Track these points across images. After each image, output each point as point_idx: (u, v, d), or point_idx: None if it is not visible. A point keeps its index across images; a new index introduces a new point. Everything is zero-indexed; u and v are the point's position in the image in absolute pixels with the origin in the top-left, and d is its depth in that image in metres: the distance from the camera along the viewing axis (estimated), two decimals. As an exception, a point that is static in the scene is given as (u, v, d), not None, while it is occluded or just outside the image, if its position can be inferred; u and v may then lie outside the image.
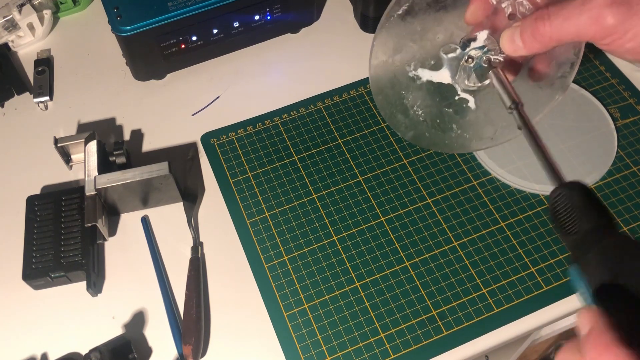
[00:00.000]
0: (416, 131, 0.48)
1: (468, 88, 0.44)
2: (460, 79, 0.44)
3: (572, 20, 0.35)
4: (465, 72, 0.43)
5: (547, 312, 0.55)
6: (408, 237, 0.59)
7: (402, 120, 0.47)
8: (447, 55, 0.43)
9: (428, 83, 0.44)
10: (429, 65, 0.43)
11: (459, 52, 0.43)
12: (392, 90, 0.44)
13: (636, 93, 0.67)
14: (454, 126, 0.48)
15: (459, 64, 0.43)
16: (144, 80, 0.71)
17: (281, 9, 0.69)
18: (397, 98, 0.45)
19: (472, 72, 0.43)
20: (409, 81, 0.44)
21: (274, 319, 0.55)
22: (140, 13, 0.63)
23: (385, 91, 0.44)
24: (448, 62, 0.43)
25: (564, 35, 0.36)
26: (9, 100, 0.71)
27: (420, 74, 0.44)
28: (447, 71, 0.43)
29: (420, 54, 0.43)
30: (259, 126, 0.67)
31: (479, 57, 0.42)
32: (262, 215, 0.61)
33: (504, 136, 0.48)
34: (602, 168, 0.62)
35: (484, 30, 0.42)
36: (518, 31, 0.38)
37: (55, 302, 0.57)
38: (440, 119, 0.47)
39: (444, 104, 0.45)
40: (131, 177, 0.57)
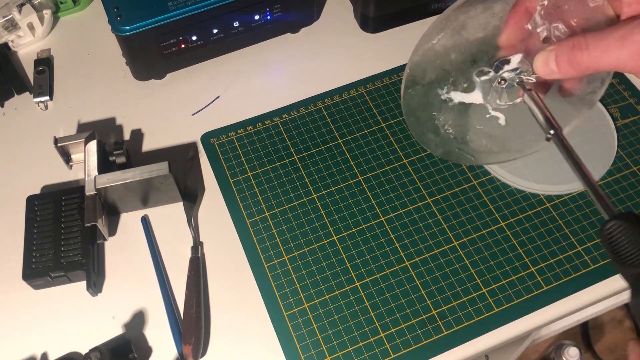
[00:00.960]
0: (446, 148, 0.48)
1: (499, 107, 0.45)
2: (492, 99, 0.44)
3: (612, 53, 0.35)
4: (497, 92, 0.43)
5: (547, 311, 0.55)
6: (408, 237, 0.59)
7: (432, 138, 0.47)
8: (480, 78, 0.43)
9: (460, 104, 0.44)
10: (461, 88, 0.44)
11: (492, 75, 0.43)
12: (423, 113, 0.45)
13: (636, 93, 0.67)
14: (483, 141, 0.48)
15: (490, 85, 0.43)
16: (144, 80, 0.71)
17: (281, 8, 0.69)
18: (429, 119, 0.45)
19: (504, 92, 0.43)
20: (440, 103, 0.44)
21: (274, 319, 0.55)
22: (140, 13, 0.63)
23: (416, 114, 0.45)
24: (480, 84, 0.43)
25: (602, 66, 0.36)
26: (9, 100, 0.71)
27: (452, 96, 0.44)
28: (479, 93, 0.44)
29: (454, 78, 0.43)
30: (259, 126, 0.67)
31: (512, 78, 0.42)
32: (262, 215, 0.61)
33: (531, 148, 0.48)
34: (602, 168, 0.62)
35: (518, 53, 0.42)
36: (553, 55, 0.38)
37: (55, 302, 0.57)
38: (471, 136, 0.47)
39: (475, 122, 0.46)
40: (131, 176, 0.57)
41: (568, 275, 0.56)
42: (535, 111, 0.41)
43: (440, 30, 0.41)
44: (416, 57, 0.42)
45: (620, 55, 0.34)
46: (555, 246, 0.58)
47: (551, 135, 0.40)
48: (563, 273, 0.56)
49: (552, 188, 0.61)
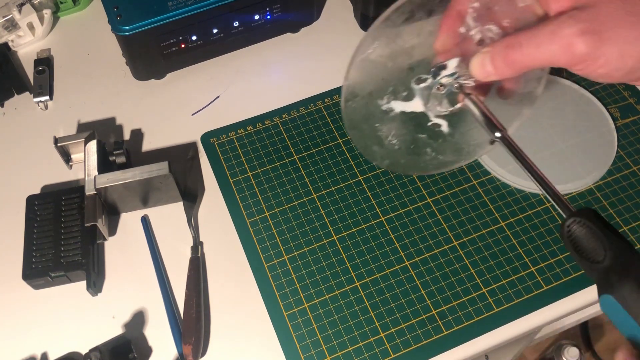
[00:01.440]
0: (391, 159, 0.48)
1: (440, 113, 0.45)
2: (432, 106, 0.44)
3: (544, 48, 0.35)
4: (437, 99, 0.43)
5: (547, 311, 0.55)
6: (408, 237, 0.59)
7: (377, 150, 0.47)
8: (419, 85, 0.43)
9: (401, 113, 0.44)
10: (401, 97, 0.43)
11: (430, 82, 0.43)
12: (366, 125, 0.45)
13: (636, 93, 0.67)
14: (428, 150, 0.48)
15: (430, 92, 0.43)
16: (144, 80, 0.71)
17: (281, 8, 0.69)
18: (371, 131, 0.45)
19: (444, 98, 0.43)
20: (382, 114, 0.44)
21: (274, 319, 0.55)
22: (140, 13, 0.63)
23: (359, 126, 0.45)
24: (420, 92, 0.43)
25: (537, 62, 0.36)
26: (9, 99, 0.71)
27: (393, 106, 0.44)
28: (420, 100, 0.44)
29: (392, 86, 0.43)
30: (259, 126, 0.67)
31: (450, 83, 0.42)
32: (262, 215, 0.61)
33: (477, 153, 0.49)
34: (602, 167, 0.62)
35: (454, 57, 0.41)
36: (488, 57, 0.38)
37: (55, 302, 0.57)
38: (415, 145, 0.47)
39: (418, 131, 0.46)
40: (131, 176, 0.57)
41: (568, 275, 0.56)
42: (478, 115, 0.41)
43: (375, 39, 0.40)
44: (353, 68, 0.41)
45: (552, 50, 0.35)
46: (555, 246, 0.58)
47: (497, 138, 0.40)
48: (563, 273, 0.56)
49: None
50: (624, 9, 0.34)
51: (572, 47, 0.34)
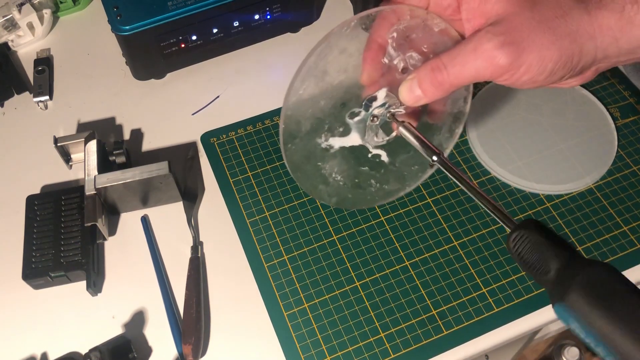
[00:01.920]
0: (339, 196, 0.49)
1: (378, 144, 0.46)
2: (369, 137, 0.45)
3: (469, 65, 0.37)
4: (372, 130, 0.45)
5: (547, 311, 0.55)
6: (408, 237, 0.59)
7: (324, 189, 0.48)
8: (353, 119, 0.44)
9: (341, 149, 0.45)
10: (338, 133, 0.44)
11: (364, 114, 0.44)
12: (308, 165, 0.45)
13: (636, 92, 0.67)
14: (372, 181, 0.49)
15: (365, 125, 0.44)
16: (144, 80, 0.71)
17: (281, 8, 0.69)
18: (315, 170, 0.46)
19: (379, 129, 0.44)
20: (322, 152, 0.45)
21: (274, 319, 0.55)
22: (140, 12, 0.63)
23: (302, 168, 0.45)
24: (355, 126, 0.44)
25: (463, 79, 0.38)
26: (9, 99, 0.71)
27: (331, 142, 0.45)
28: (356, 134, 0.45)
29: (328, 124, 0.44)
30: (259, 125, 0.67)
31: (383, 114, 0.43)
32: (262, 215, 0.61)
33: (419, 177, 0.50)
34: (602, 167, 0.62)
35: (381, 88, 0.43)
36: (415, 82, 0.39)
37: (55, 302, 0.57)
38: (359, 179, 0.48)
39: (360, 164, 0.47)
40: (131, 176, 0.57)
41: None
42: (413, 141, 0.43)
43: (303, 80, 0.41)
44: (287, 110, 0.42)
45: (477, 65, 0.37)
46: (555, 246, 0.58)
47: (434, 161, 0.41)
48: (563, 273, 0.56)
49: (552, 188, 0.61)
50: (533, 19, 0.37)
51: (494, 60, 0.36)
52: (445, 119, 0.47)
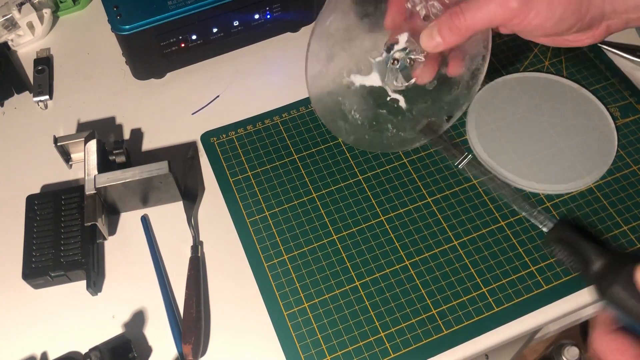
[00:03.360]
0: (356, 135, 0.51)
1: (397, 88, 0.47)
2: (389, 80, 0.46)
3: (483, 9, 0.40)
4: (392, 73, 0.46)
5: (547, 311, 0.55)
6: (408, 236, 0.59)
7: (342, 125, 0.50)
8: (375, 59, 0.46)
9: (361, 88, 0.47)
10: (360, 71, 0.46)
11: (385, 56, 0.45)
12: (329, 98, 0.47)
13: (636, 92, 0.67)
14: (389, 126, 0.51)
15: (385, 66, 0.46)
16: (144, 79, 0.71)
17: (281, 8, 0.69)
18: (335, 105, 0.47)
19: (399, 73, 0.46)
20: (344, 88, 0.47)
21: (274, 318, 0.55)
22: (139, 12, 0.63)
23: (323, 99, 0.47)
24: (376, 66, 0.46)
25: (478, 23, 0.41)
26: (9, 99, 0.71)
27: (353, 79, 0.46)
28: (377, 75, 0.46)
29: (352, 61, 0.45)
30: (259, 125, 0.67)
31: (403, 58, 0.45)
32: (262, 215, 0.61)
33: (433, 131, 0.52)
34: (602, 167, 0.62)
35: (403, 33, 0.45)
36: (435, 29, 0.42)
37: (55, 301, 0.57)
38: (376, 121, 0.50)
39: (378, 106, 0.48)
40: (131, 176, 0.57)
41: (568, 275, 0.56)
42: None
43: (330, 12, 0.44)
44: (312, 39, 0.44)
45: (490, 9, 0.40)
46: (555, 245, 0.58)
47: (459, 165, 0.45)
48: (563, 272, 0.56)
49: (552, 187, 0.61)
50: None
51: (506, 3, 0.39)
52: (463, 74, 0.49)
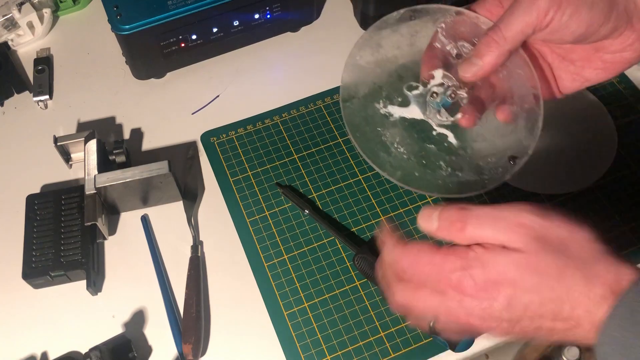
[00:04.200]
0: (403, 171, 0.46)
1: (442, 123, 0.45)
2: (432, 114, 0.44)
3: (516, 17, 0.40)
4: (433, 107, 0.44)
5: (547, 311, 0.55)
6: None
7: (385, 158, 0.46)
8: (412, 92, 0.44)
9: (402, 119, 0.45)
10: (397, 102, 0.44)
11: (422, 89, 0.44)
12: (368, 127, 0.45)
13: (636, 92, 0.67)
14: (441, 163, 0.46)
15: (424, 100, 0.44)
16: (144, 79, 0.71)
17: (281, 7, 0.69)
18: (375, 135, 0.45)
19: (441, 108, 0.44)
20: (382, 118, 0.45)
21: (274, 318, 0.55)
22: (139, 12, 0.63)
23: (361, 128, 0.45)
24: (414, 99, 0.44)
25: (514, 31, 0.40)
26: (9, 99, 0.71)
27: (390, 110, 0.45)
28: (417, 107, 0.44)
29: (386, 92, 0.44)
30: (259, 125, 0.67)
31: (443, 92, 0.43)
32: (262, 214, 0.61)
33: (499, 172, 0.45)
34: (602, 167, 0.62)
35: (437, 69, 0.44)
36: (474, 56, 0.41)
37: (55, 301, 0.57)
38: (425, 157, 0.46)
39: (424, 140, 0.46)
40: (131, 176, 0.57)
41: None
42: None
43: (360, 48, 0.43)
44: (345, 72, 0.44)
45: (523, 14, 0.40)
46: (556, 245, 0.58)
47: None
48: (563, 272, 0.56)
49: (552, 187, 0.61)
50: None
51: (535, 4, 0.39)
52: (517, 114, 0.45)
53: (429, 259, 0.36)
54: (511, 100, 0.45)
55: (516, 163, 0.41)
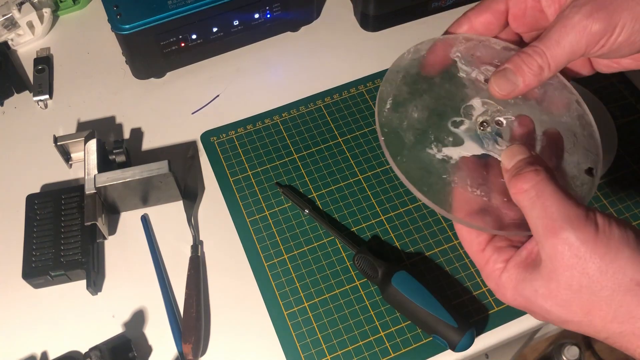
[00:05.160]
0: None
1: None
2: (491, 146, 0.41)
3: (563, 42, 0.36)
4: (489, 138, 0.41)
5: (547, 310, 0.55)
6: (408, 236, 0.59)
7: None
8: (459, 128, 0.41)
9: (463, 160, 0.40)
10: (449, 143, 0.40)
11: (469, 123, 0.41)
12: (432, 179, 0.40)
13: (636, 92, 0.67)
14: None
15: (476, 133, 0.41)
16: (144, 79, 0.71)
17: (281, 7, 0.69)
18: (443, 184, 0.40)
19: (497, 137, 0.41)
20: (442, 164, 0.40)
21: (274, 318, 0.55)
22: (139, 11, 0.63)
23: (426, 181, 0.40)
24: (466, 135, 0.41)
25: (561, 57, 0.37)
26: (9, 98, 0.71)
27: (447, 153, 0.40)
28: (473, 143, 0.41)
29: (433, 134, 0.41)
30: (259, 125, 0.67)
31: (490, 120, 0.41)
32: (262, 214, 0.61)
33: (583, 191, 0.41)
34: (602, 166, 0.62)
35: (473, 98, 0.41)
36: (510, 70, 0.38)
37: (55, 301, 0.57)
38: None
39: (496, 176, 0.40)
40: (131, 175, 0.57)
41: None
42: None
43: (388, 94, 0.41)
44: (381, 121, 0.40)
45: (571, 39, 0.36)
46: (556, 245, 0.58)
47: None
48: (563, 272, 0.56)
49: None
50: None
51: (587, 29, 0.36)
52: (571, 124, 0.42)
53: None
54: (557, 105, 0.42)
55: (595, 174, 0.38)
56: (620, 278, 0.31)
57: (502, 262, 0.36)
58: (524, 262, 0.35)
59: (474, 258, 0.38)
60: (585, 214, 0.32)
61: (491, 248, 0.37)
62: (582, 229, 0.31)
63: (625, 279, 0.31)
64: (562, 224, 0.32)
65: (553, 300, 0.33)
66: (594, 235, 0.31)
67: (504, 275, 0.35)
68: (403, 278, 0.53)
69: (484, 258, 0.37)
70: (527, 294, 0.34)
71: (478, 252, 0.37)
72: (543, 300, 0.33)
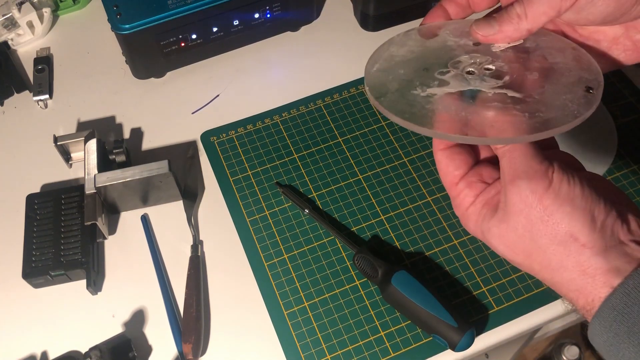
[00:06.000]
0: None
1: (495, 85, 0.41)
2: (477, 83, 0.41)
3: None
4: (478, 79, 0.41)
5: (547, 310, 0.55)
6: (408, 236, 0.59)
7: None
8: (446, 76, 0.41)
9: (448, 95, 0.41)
10: (435, 86, 0.41)
11: (455, 72, 0.41)
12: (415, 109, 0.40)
13: (636, 91, 0.67)
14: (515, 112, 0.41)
15: (463, 78, 0.41)
16: (144, 79, 0.71)
17: (281, 7, 0.69)
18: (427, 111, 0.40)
19: (485, 78, 0.41)
20: (426, 99, 0.40)
21: (274, 317, 0.55)
22: (139, 11, 0.63)
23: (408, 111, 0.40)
24: (453, 79, 0.41)
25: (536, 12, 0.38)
26: (9, 98, 0.71)
27: (431, 92, 0.40)
28: (458, 82, 0.41)
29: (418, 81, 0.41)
30: (259, 124, 0.67)
31: (478, 68, 0.41)
32: (262, 214, 0.61)
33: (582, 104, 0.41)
34: (602, 166, 0.62)
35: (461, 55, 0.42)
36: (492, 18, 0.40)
37: (55, 301, 0.57)
38: None
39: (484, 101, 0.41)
40: (131, 175, 0.57)
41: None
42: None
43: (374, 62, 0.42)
44: (367, 77, 0.41)
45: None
46: (556, 245, 0.58)
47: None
48: (563, 272, 0.56)
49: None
50: None
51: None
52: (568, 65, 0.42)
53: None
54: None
55: (595, 93, 0.38)
56: (557, 229, 0.34)
57: (472, 197, 0.39)
58: (490, 201, 0.38)
59: (448, 189, 0.41)
60: (544, 169, 0.35)
61: (464, 182, 0.40)
62: (536, 181, 0.34)
63: (561, 230, 0.34)
64: (520, 174, 0.35)
65: (501, 240, 0.37)
66: (545, 188, 0.34)
67: (471, 207, 0.39)
68: (403, 278, 0.53)
69: (457, 190, 0.40)
70: (484, 229, 0.38)
71: (452, 184, 0.40)
72: (494, 239, 0.37)
